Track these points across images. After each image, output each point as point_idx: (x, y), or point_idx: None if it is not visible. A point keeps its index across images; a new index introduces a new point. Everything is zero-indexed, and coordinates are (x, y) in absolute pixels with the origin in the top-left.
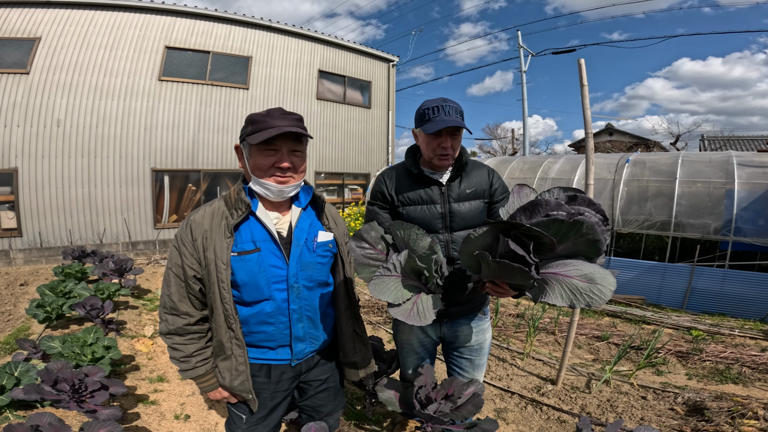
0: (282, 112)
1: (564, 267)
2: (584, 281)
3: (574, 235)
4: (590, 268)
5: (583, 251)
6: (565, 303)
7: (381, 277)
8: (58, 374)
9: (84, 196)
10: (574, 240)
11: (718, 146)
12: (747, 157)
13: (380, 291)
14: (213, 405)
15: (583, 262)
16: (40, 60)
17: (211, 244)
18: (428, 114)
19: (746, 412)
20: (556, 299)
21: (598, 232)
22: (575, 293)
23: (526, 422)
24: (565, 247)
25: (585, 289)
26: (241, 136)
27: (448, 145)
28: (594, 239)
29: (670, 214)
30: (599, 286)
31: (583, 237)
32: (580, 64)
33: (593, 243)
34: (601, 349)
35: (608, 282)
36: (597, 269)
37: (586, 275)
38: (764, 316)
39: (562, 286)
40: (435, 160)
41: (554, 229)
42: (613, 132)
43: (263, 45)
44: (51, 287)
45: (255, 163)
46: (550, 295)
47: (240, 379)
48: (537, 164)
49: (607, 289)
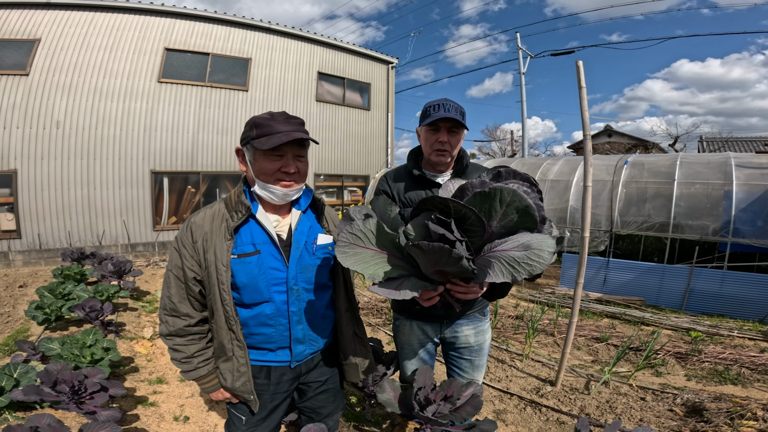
0: (286, 116)
1: (503, 243)
2: (521, 250)
3: (500, 206)
4: (528, 237)
5: (520, 223)
6: (507, 278)
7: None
8: (57, 376)
9: (83, 197)
10: (503, 212)
11: (717, 147)
12: (745, 158)
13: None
14: (212, 406)
15: (523, 234)
16: (40, 61)
17: (211, 247)
18: (429, 111)
19: (745, 413)
20: (497, 276)
21: (524, 197)
22: (514, 265)
23: (525, 423)
24: (498, 224)
25: (522, 258)
26: (245, 139)
27: (446, 139)
28: (523, 206)
29: (669, 216)
30: (535, 250)
31: (510, 206)
32: (578, 66)
33: (524, 210)
34: (600, 350)
35: (545, 244)
36: (534, 236)
37: (522, 244)
38: (763, 317)
39: (501, 262)
40: (433, 156)
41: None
42: (612, 133)
43: (263, 47)
44: (50, 289)
45: (260, 168)
46: (491, 274)
47: (242, 380)
48: (536, 166)
49: (545, 252)
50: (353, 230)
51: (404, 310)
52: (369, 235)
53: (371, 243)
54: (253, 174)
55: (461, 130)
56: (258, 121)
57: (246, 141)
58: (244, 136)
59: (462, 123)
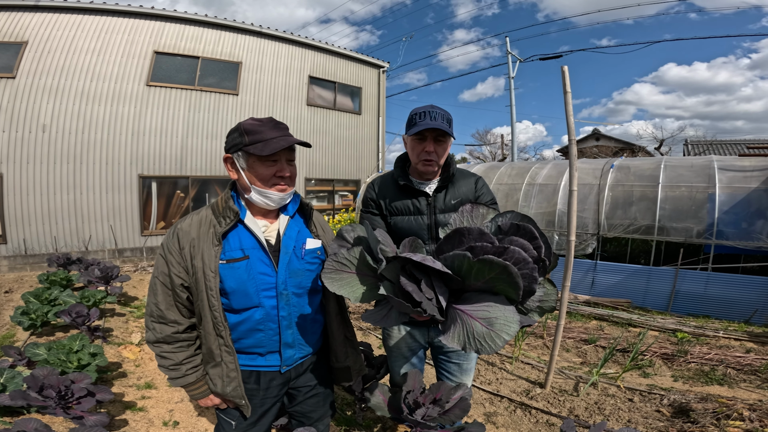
0: (274, 122)
1: (476, 305)
2: (484, 325)
3: (487, 274)
4: (499, 311)
5: (503, 290)
6: (458, 345)
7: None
8: (44, 381)
9: (69, 202)
10: (489, 279)
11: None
12: (728, 161)
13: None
14: (202, 411)
15: (497, 305)
16: (27, 64)
17: (198, 253)
18: (415, 119)
19: (731, 413)
20: (452, 341)
21: (513, 275)
22: (469, 337)
23: (515, 426)
24: (483, 284)
25: (480, 335)
26: (235, 146)
27: (432, 149)
28: (510, 281)
29: (654, 218)
30: (494, 333)
31: (497, 277)
32: (563, 71)
33: (511, 284)
34: (588, 352)
35: (506, 331)
36: (505, 313)
37: (489, 319)
38: (748, 317)
39: (463, 327)
40: (420, 166)
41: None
42: (600, 137)
43: (253, 50)
44: (36, 294)
45: (256, 174)
46: (449, 335)
47: (232, 385)
48: (525, 170)
49: (500, 339)
50: (338, 259)
51: None
52: (353, 261)
53: (355, 267)
54: (247, 181)
55: (447, 139)
56: (248, 128)
57: (238, 148)
58: (234, 143)
59: (448, 132)
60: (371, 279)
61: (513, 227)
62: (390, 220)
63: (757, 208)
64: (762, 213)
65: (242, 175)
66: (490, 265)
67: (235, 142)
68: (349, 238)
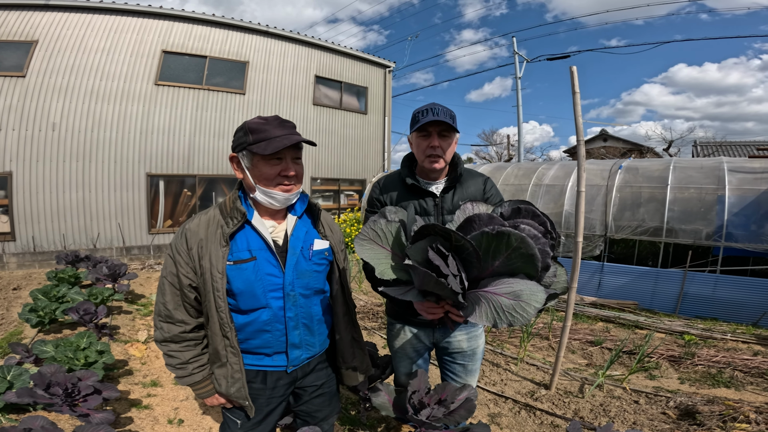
0: (279, 120)
1: (497, 285)
2: (510, 298)
3: (505, 249)
4: (522, 285)
5: (521, 268)
6: (489, 322)
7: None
8: (50, 378)
9: (78, 200)
10: (507, 255)
11: (711, 152)
12: (738, 163)
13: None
14: (207, 410)
15: (519, 280)
16: (37, 63)
17: (206, 253)
18: (418, 117)
19: (738, 416)
20: (480, 318)
21: (530, 245)
22: (499, 311)
23: (519, 427)
24: (500, 264)
25: (508, 307)
26: (240, 146)
27: (437, 144)
28: (528, 253)
29: (662, 220)
30: (523, 303)
31: (516, 251)
32: (572, 71)
33: (528, 258)
34: (594, 353)
35: (535, 299)
36: (529, 286)
37: (514, 292)
38: (756, 320)
39: (489, 304)
40: (426, 163)
41: (483, 242)
42: (608, 138)
43: (260, 50)
44: (44, 292)
45: (261, 173)
46: (476, 314)
47: (236, 386)
48: (531, 170)
49: (531, 307)
50: (375, 228)
51: (398, 315)
52: (388, 236)
53: (388, 244)
54: (252, 180)
55: (452, 134)
56: (253, 127)
57: (242, 147)
58: (239, 142)
59: (452, 126)
60: (399, 259)
61: (515, 210)
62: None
63: (767, 210)
64: None
65: (247, 174)
66: (508, 238)
67: (241, 141)
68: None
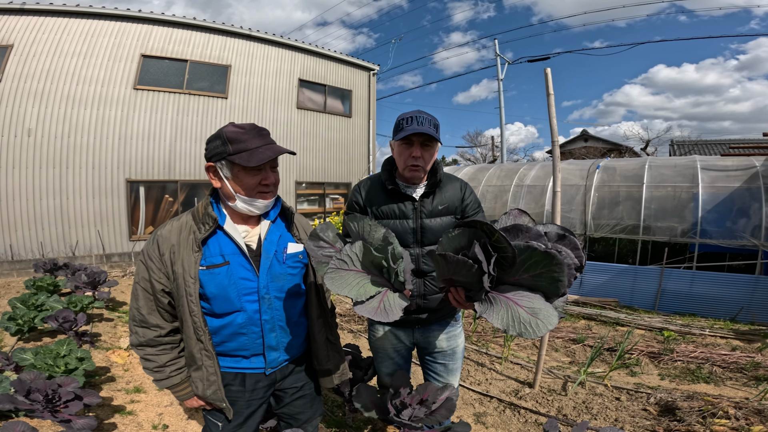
0: (256, 129)
1: (518, 296)
2: (529, 313)
3: (541, 268)
4: (541, 304)
5: (543, 287)
6: (501, 326)
7: (338, 270)
8: (31, 384)
9: (56, 207)
10: (539, 272)
11: (687, 151)
12: (711, 161)
13: (339, 286)
14: (192, 414)
15: (539, 297)
16: (12, 67)
17: (178, 259)
18: (402, 124)
19: (717, 412)
20: (495, 319)
21: (564, 273)
22: (515, 320)
23: (504, 426)
24: (528, 277)
25: (525, 320)
26: (218, 155)
27: (419, 155)
28: (558, 279)
29: (639, 218)
30: (539, 321)
31: (549, 273)
32: (546, 73)
33: (555, 281)
34: (577, 351)
35: (549, 321)
36: (547, 307)
37: (533, 308)
38: (734, 315)
39: (507, 310)
40: (406, 172)
41: (525, 254)
42: (588, 138)
43: (242, 53)
44: (22, 300)
45: (241, 183)
46: (494, 313)
47: (212, 389)
48: (513, 171)
49: (544, 327)
50: (341, 256)
51: None
52: (354, 258)
53: (355, 265)
54: (231, 190)
55: (434, 144)
56: (231, 137)
57: (221, 157)
58: (217, 152)
59: (435, 137)
60: (370, 276)
61: (560, 236)
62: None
63: (740, 207)
64: (745, 212)
65: (226, 183)
66: (552, 259)
67: (218, 150)
68: (326, 237)
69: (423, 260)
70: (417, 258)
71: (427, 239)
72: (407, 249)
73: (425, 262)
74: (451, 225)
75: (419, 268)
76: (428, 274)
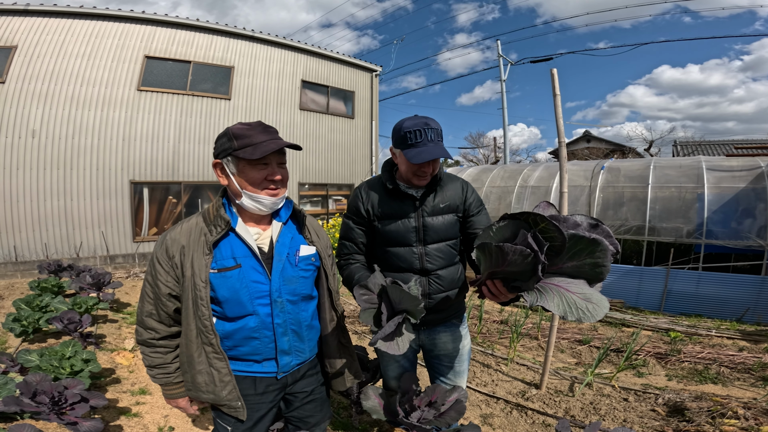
0: (263, 126)
1: (566, 283)
2: (582, 299)
3: (586, 255)
4: (590, 290)
5: (586, 273)
6: (559, 312)
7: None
8: (36, 386)
9: (60, 209)
10: (583, 259)
11: (690, 151)
12: (716, 161)
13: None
14: (198, 417)
15: (586, 284)
16: (16, 69)
17: (188, 261)
18: (410, 138)
19: (726, 412)
20: (552, 306)
21: (608, 259)
22: (571, 306)
23: (512, 427)
24: (571, 265)
25: (582, 306)
26: (224, 151)
27: (429, 170)
28: (601, 264)
29: (644, 219)
30: (595, 305)
31: (593, 259)
32: (552, 74)
33: (598, 267)
34: (583, 352)
35: (603, 305)
36: (595, 292)
37: (585, 294)
38: (740, 316)
39: (561, 297)
40: (414, 180)
41: (571, 242)
42: (591, 139)
43: (246, 55)
44: (27, 301)
45: (247, 178)
46: (548, 301)
47: (228, 389)
48: (517, 172)
49: (600, 311)
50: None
51: None
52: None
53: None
54: (237, 186)
55: None
56: (237, 132)
57: (227, 153)
58: (223, 148)
59: (448, 155)
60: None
61: (592, 225)
62: (378, 224)
63: (746, 207)
64: (750, 212)
65: (232, 180)
66: (597, 246)
67: (224, 147)
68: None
69: (426, 259)
70: (420, 256)
71: (429, 238)
72: (410, 247)
73: (428, 261)
74: (452, 223)
75: (423, 267)
76: (432, 273)
